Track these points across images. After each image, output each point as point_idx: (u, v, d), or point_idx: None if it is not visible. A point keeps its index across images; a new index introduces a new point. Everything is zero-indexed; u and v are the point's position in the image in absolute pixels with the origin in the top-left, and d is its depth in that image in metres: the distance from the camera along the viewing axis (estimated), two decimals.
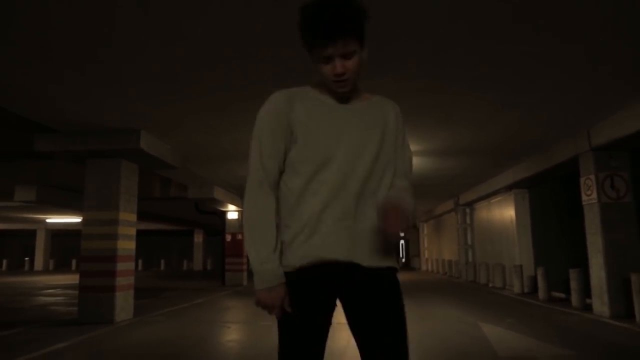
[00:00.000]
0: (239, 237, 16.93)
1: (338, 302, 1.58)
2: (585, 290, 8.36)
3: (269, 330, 6.24)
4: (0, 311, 9.74)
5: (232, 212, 17.12)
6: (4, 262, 32.82)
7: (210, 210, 17.17)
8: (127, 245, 8.08)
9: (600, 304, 7.61)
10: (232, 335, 6.79)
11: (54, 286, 16.81)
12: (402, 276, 1.00)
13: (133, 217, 8.36)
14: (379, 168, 1.56)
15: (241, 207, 16.78)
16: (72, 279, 21.19)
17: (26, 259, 32.33)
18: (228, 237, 17.07)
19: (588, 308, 8.19)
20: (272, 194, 1.55)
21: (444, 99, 6.42)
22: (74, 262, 30.94)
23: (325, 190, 1.50)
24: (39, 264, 30.58)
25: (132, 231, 8.31)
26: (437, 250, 23.77)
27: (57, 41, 4.53)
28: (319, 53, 1.46)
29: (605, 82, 5.84)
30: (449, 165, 11.12)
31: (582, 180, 8.15)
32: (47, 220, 25.76)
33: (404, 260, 31.09)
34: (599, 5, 4.01)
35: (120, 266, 7.81)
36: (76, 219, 24.49)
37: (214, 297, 12.10)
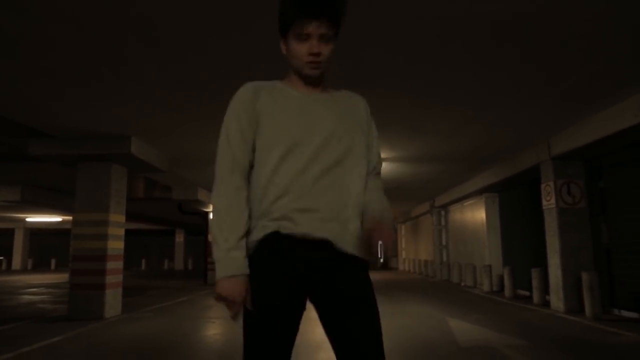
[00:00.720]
0: None
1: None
2: (545, 287, 9.05)
3: None
4: None
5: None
6: None
7: (193, 210, 17.52)
8: (116, 245, 8.47)
9: (557, 300, 8.30)
10: (216, 329, 7.25)
11: (36, 285, 16.94)
12: (379, 275, 1.22)
13: (122, 219, 8.76)
14: (352, 159, 1.55)
15: None
16: (53, 278, 21.30)
17: (0, 257, 32.11)
18: (210, 237, 17.41)
19: (547, 304, 8.89)
20: (242, 182, 1.52)
21: (413, 112, 7.01)
22: (53, 262, 30.84)
23: (290, 179, 1.47)
24: (17, 263, 30.36)
25: (121, 232, 8.71)
26: (413, 250, 24.48)
27: (61, 61, 4.95)
28: (298, 30, 1.47)
29: (560, 100, 6.49)
30: (424, 170, 11.76)
31: (542, 186, 8.85)
32: (27, 219, 25.68)
33: (382, 260, 31.78)
34: (556, 32, 4.61)
35: (110, 265, 8.21)
36: (56, 218, 24.52)
37: (196, 296, 12.51)
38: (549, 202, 8.58)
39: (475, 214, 14.44)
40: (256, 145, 1.53)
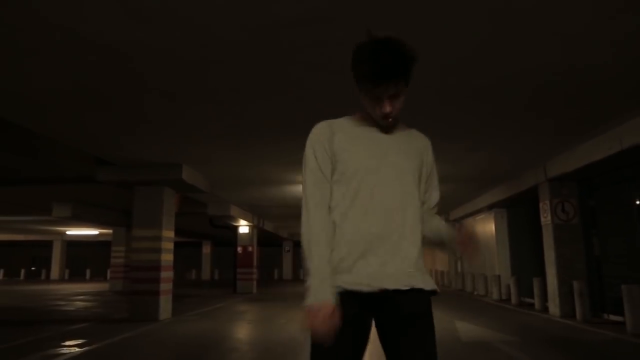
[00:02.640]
0: (249, 249, 18.67)
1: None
2: (545, 295, 10.10)
3: (284, 326, 7.97)
4: (55, 312, 11.46)
5: (243, 227, 18.85)
6: (22, 271, 34.44)
7: (224, 224, 18.90)
8: (167, 257, 9.84)
9: (554, 306, 9.36)
10: (254, 330, 8.52)
11: (81, 293, 18.47)
12: None
13: (172, 234, 10.13)
14: (414, 197, 1.61)
15: (252, 223, 18.56)
16: (92, 287, 22.89)
17: (32, 268, 34.04)
18: (240, 249, 18.80)
19: (546, 310, 9.94)
20: (327, 216, 1.57)
21: None
22: (88, 272, 32.64)
23: (364, 215, 1.54)
24: (54, 273, 32.23)
25: (171, 245, 10.08)
26: (431, 261, 25.45)
27: (127, 106, 6.34)
28: (369, 92, 1.54)
29: (552, 131, 7.58)
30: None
31: (540, 204, 9.94)
32: (67, 232, 27.42)
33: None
34: (542, 79, 5.81)
35: (163, 275, 9.57)
36: (93, 232, 26.21)
37: (230, 303, 13.81)
38: (545, 218, 9.68)
39: (486, 228, 15.48)
40: (333, 180, 1.60)
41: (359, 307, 1.51)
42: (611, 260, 8.82)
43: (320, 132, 1.63)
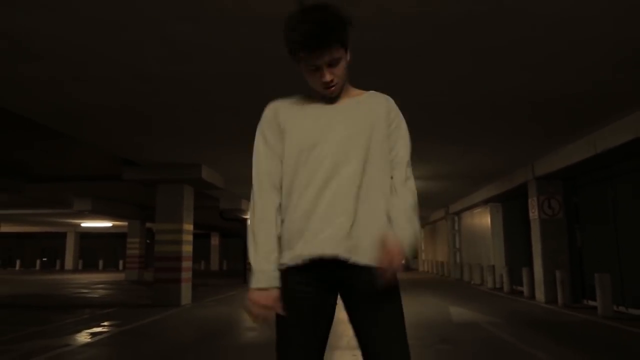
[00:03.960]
0: None
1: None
2: (533, 283, 11.00)
3: None
4: (82, 299, 12.47)
5: None
6: (37, 262, 35.65)
7: (233, 217, 19.85)
8: (187, 248, 10.79)
9: (540, 293, 10.27)
10: None
11: (99, 282, 19.53)
12: (401, 276, 1.47)
13: (191, 227, 11.07)
14: (370, 166, 1.55)
15: None
16: (107, 276, 23.97)
17: (44, 259, 35.26)
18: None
19: (534, 297, 10.85)
20: (273, 195, 1.58)
21: (419, 145, 9.11)
22: (100, 262, 33.81)
23: (310, 188, 1.51)
24: (69, 264, 33.41)
25: (190, 237, 11.02)
26: (432, 252, 26.40)
27: (155, 113, 7.26)
28: (306, 64, 1.50)
29: (539, 135, 8.39)
30: (437, 185, 13.79)
31: (529, 200, 10.82)
32: (82, 224, 28.48)
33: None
34: (521, 95, 6.68)
35: (184, 264, 10.52)
36: (107, 224, 27.25)
37: (241, 291, 14.78)
38: (533, 213, 10.56)
39: (483, 221, 16.37)
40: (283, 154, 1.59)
41: (311, 283, 1.52)
42: (591, 252, 9.70)
43: (267, 112, 1.66)
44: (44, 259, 36.95)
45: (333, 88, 1.55)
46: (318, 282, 1.53)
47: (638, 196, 8.21)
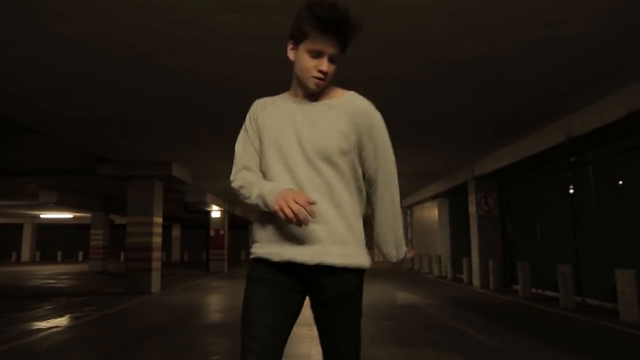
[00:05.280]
0: (221, 232, 20.40)
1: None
2: (471, 271, 12.37)
3: None
4: (52, 289, 12.97)
5: (215, 212, 20.51)
6: None
7: (197, 209, 20.50)
8: (157, 240, 11.54)
9: (476, 280, 11.64)
10: (230, 299, 10.36)
11: (63, 273, 19.81)
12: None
13: (160, 220, 11.80)
14: (337, 170, 1.59)
15: (223, 208, 20.24)
16: (67, 268, 24.10)
17: None
18: (212, 232, 20.50)
19: (472, 283, 12.22)
20: (244, 171, 1.68)
21: None
22: (59, 254, 33.57)
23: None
24: (25, 255, 32.99)
25: (160, 230, 11.76)
26: None
27: (158, 125, 8.03)
28: (312, 45, 1.53)
29: (476, 142, 9.65)
30: None
31: (469, 197, 12.14)
32: (42, 216, 28.29)
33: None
34: (465, 110, 7.84)
35: (154, 254, 11.27)
36: (67, 215, 27.21)
37: (205, 280, 15.60)
38: (472, 209, 11.89)
39: (432, 214, 17.76)
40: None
41: (280, 274, 1.59)
42: (520, 242, 11.11)
43: (251, 109, 1.73)
44: None
45: (322, 82, 1.58)
46: (287, 277, 1.59)
47: (557, 196, 9.59)
